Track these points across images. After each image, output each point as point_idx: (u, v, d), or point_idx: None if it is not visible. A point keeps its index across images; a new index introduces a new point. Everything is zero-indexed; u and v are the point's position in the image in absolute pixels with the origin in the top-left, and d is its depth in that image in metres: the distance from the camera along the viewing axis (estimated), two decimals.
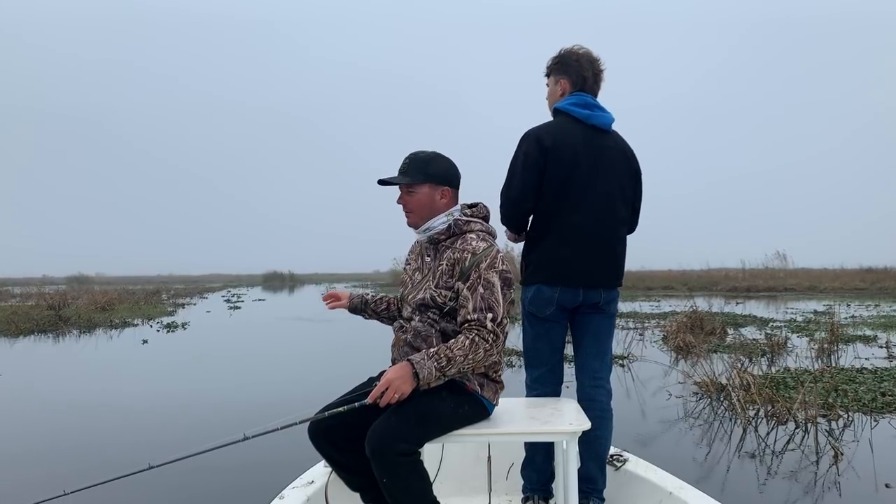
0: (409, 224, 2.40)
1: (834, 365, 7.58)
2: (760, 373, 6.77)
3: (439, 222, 2.34)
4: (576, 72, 2.76)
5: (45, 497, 2.02)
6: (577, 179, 2.66)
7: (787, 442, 4.69)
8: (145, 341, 11.82)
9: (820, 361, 7.89)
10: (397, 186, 2.37)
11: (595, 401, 2.72)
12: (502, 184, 2.79)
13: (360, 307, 2.58)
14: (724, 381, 6.15)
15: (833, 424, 5.07)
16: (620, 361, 8.57)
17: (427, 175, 2.33)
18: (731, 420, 5.35)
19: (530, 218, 2.80)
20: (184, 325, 14.85)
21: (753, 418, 5.28)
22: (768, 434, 4.91)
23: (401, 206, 2.39)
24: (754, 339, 9.99)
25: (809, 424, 4.96)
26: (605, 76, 2.83)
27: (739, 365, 6.87)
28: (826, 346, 8.81)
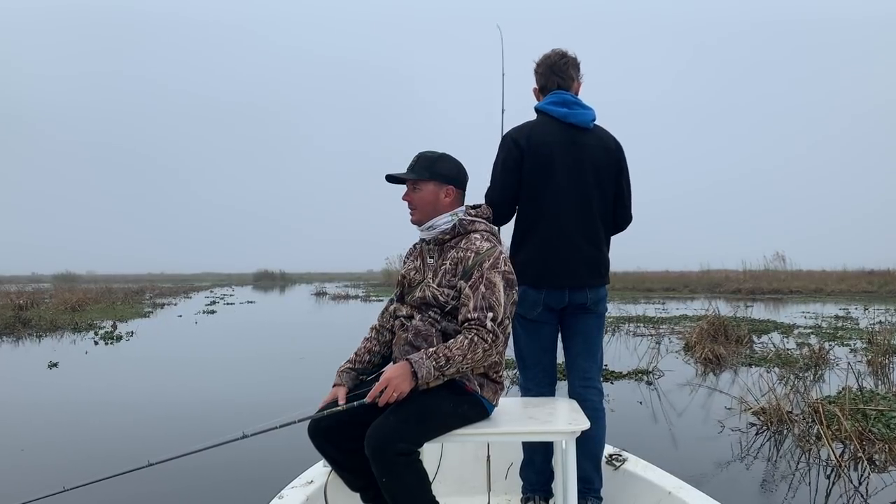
0: (413, 221, 2.40)
1: None
2: (820, 396, 5.68)
3: (443, 221, 2.34)
4: (537, 79, 2.86)
5: (46, 493, 2.02)
6: (553, 179, 2.68)
7: None
8: (54, 365, 8.88)
9: (879, 380, 6.83)
10: (404, 184, 2.39)
11: (586, 400, 2.67)
12: (487, 186, 2.82)
13: (357, 380, 2.39)
14: (791, 409, 5.07)
15: None
16: (645, 377, 7.51)
17: (433, 173, 2.35)
18: (806, 461, 4.29)
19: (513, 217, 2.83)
20: (117, 339, 12.07)
21: (839, 460, 4.21)
22: (861, 483, 3.86)
23: (405, 204, 2.41)
24: (788, 350, 8.95)
25: None
26: (584, 76, 2.87)
27: (799, 385, 5.82)
28: (878, 360, 7.77)
